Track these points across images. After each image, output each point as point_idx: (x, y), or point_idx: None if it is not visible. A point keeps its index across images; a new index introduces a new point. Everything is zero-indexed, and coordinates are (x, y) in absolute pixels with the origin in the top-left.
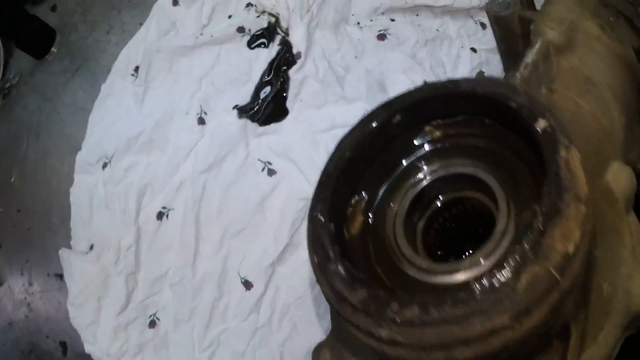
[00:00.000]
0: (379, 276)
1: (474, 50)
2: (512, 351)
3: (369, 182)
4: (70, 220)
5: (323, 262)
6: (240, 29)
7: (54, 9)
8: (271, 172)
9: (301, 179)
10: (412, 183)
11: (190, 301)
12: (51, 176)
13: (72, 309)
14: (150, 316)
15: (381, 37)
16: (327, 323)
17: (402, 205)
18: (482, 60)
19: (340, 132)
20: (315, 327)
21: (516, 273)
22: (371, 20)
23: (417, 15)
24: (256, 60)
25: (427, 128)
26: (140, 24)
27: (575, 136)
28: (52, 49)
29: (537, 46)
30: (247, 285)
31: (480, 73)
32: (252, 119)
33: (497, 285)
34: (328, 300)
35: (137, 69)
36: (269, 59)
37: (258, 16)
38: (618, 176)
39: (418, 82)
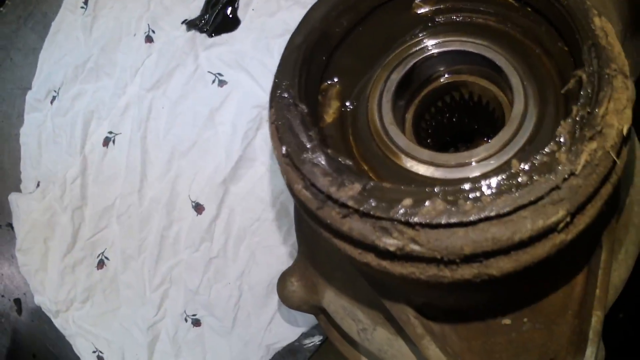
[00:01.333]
0: (364, 173)
1: None
2: (552, 264)
3: (345, 62)
4: (21, 162)
5: (296, 152)
6: None
7: None
8: (222, 83)
9: (254, 86)
10: (398, 62)
11: (139, 233)
12: (3, 122)
13: (20, 256)
14: (99, 255)
15: None
16: (292, 249)
17: (390, 86)
18: None
19: None
20: (276, 255)
21: (573, 150)
22: None
23: None
24: None
25: (416, 3)
26: None
27: None
28: (7, 1)
29: None
30: (198, 209)
31: None
32: (201, 30)
33: (550, 164)
34: (303, 206)
35: (86, 1)
36: None
37: None
38: None
39: None
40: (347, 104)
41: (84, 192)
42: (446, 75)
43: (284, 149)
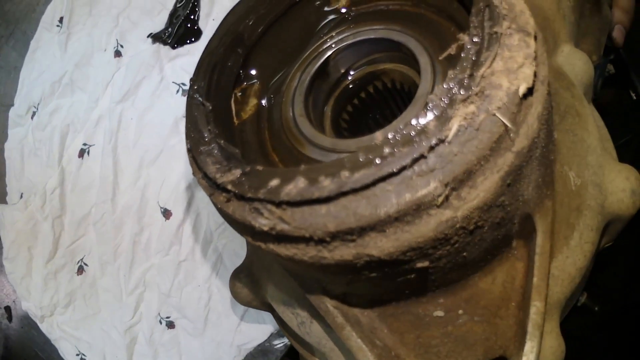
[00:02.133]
0: (275, 165)
1: None
2: (456, 248)
3: (262, 61)
4: (6, 176)
5: (196, 145)
6: None
7: None
8: (185, 92)
9: None
10: (314, 56)
11: (113, 239)
12: None
13: (7, 264)
14: (78, 262)
15: None
16: None
17: (303, 81)
18: None
19: None
20: (242, 256)
21: (443, 116)
22: None
23: None
24: None
25: None
26: None
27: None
28: None
29: None
30: (166, 214)
31: None
32: (165, 43)
33: (416, 134)
34: (206, 193)
35: (61, 19)
36: None
37: None
38: (571, 59)
39: None
40: (264, 101)
41: (63, 201)
42: (364, 67)
43: (188, 143)
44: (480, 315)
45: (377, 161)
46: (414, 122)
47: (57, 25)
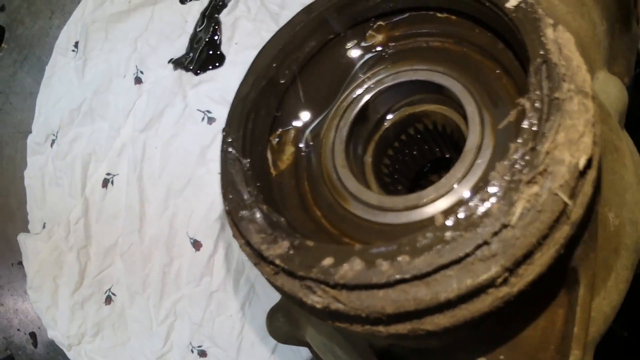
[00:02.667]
0: (318, 221)
1: None
2: (505, 313)
3: (297, 106)
4: (27, 204)
5: (235, 209)
6: None
7: (2, 9)
8: (211, 120)
9: None
10: (352, 100)
11: (142, 270)
12: (7, 165)
13: (31, 293)
14: (106, 292)
15: None
16: None
17: (342, 128)
18: None
19: None
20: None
21: (507, 198)
22: None
23: None
24: (189, 13)
25: (368, 33)
26: (80, 3)
27: None
28: (3, 45)
29: None
30: (196, 245)
31: None
32: (187, 69)
33: (479, 217)
34: (251, 261)
35: (76, 44)
36: (201, 9)
37: None
38: (606, 87)
39: None
40: (302, 147)
41: (88, 232)
42: (405, 108)
43: (226, 205)
44: None
45: (439, 247)
46: (475, 202)
47: (73, 50)
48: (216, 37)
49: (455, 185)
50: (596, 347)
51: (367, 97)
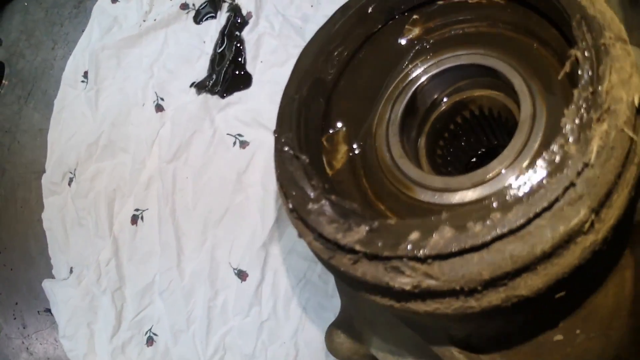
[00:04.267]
0: (384, 214)
1: None
2: (589, 269)
3: (345, 104)
4: (48, 248)
5: (301, 204)
6: (184, 6)
7: None
8: (243, 144)
9: None
10: (399, 93)
11: (185, 307)
12: (23, 208)
13: (65, 342)
14: (146, 333)
15: None
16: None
17: (393, 121)
18: None
19: None
20: (328, 308)
21: (582, 138)
22: None
23: None
24: (206, 33)
25: (405, 28)
26: (83, 31)
27: None
28: (3, 81)
29: None
30: (242, 275)
31: None
32: (212, 92)
33: (560, 161)
34: (319, 257)
35: (86, 74)
36: (219, 29)
37: None
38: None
39: None
40: (355, 146)
41: (121, 272)
42: (451, 96)
43: (290, 203)
44: (596, 330)
45: (529, 196)
46: (554, 148)
47: (82, 81)
48: (240, 57)
49: (518, 155)
50: None
51: (413, 87)
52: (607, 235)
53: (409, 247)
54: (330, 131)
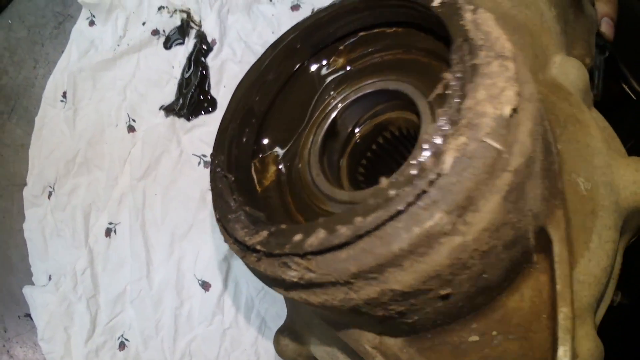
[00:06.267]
0: (300, 224)
1: None
2: (475, 271)
3: (273, 130)
4: (29, 256)
5: (224, 215)
6: (155, 32)
7: None
8: (207, 164)
9: None
10: (322, 118)
11: (153, 315)
12: (4, 217)
13: (43, 344)
14: (119, 338)
15: (295, 7)
16: None
17: (315, 144)
18: None
19: None
20: (284, 317)
21: (437, 152)
22: None
23: None
24: (174, 58)
25: (332, 59)
26: (63, 52)
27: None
28: None
29: None
30: (205, 286)
31: None
32: (179, 115)
33: (416, 173)
34: (239, 256)
35: (64, 94)
36: (186, 54)
37: (170, 16)
38: (565, 69)
39: None
40: (282, 167)
41: (95, 281)
42: (371, 119)
43: (217, 214)
44: (515, 333)
45: (386, 203)
46: (412, 162)
47: (61, 100)
48: (205, 82)
49: (406, 169)
50: (606, 321)
51: (333, 114)
52: (481, 237)
53: (292, 245)
54: (261, 155)
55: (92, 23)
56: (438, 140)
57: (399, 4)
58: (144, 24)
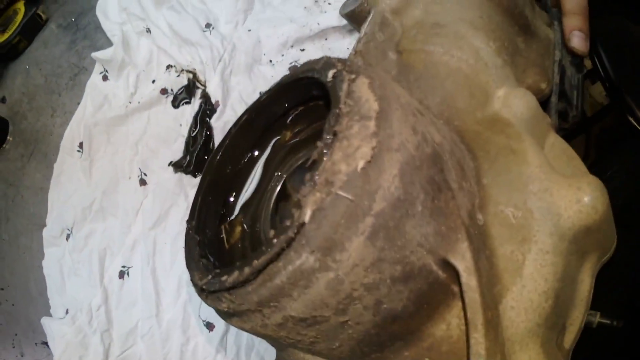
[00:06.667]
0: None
1: None
2: (370, 301)
3: (236, 198)
4: (47, 290)
5: (190, 266)
6: (164, 91)
7: (3, 100)
8: None
9: None
10: (276, 182)
11: (162, 349)
12: (24, 253)
13: None
14: None
15: (293, 68)
16: None
17: (268, 206)
18: None
19: None
20: None
21: (299, 207)
22: (282, 55)
23: (326, 39)
24: (182, 116)
25: (283, 132)
26: (79, 103)
27: (436, 83)
28: (8, 137)
29: (369, 17)
30: (209, 326)
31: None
32: (186, 171)
33: (287, 225)
34: (200, 297)
35: (81, 144)
36: (193, 114)
37: (178, 75)
38: (508, 102)
39: None
40: (246, 227)
41: (109, 317)
42: None
43: (187, 265)
44: (446, 359)
45: (269, 249)
46: (288, 212)
47: (78, 151)
48: (209, 141)
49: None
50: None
51: (282, 180)
52: (356, 272)
53: (220, 284)
54: (229, 219)
55: (105, 78)
56: (302, 197)
57: (308, 83)
58: (153, 81)
